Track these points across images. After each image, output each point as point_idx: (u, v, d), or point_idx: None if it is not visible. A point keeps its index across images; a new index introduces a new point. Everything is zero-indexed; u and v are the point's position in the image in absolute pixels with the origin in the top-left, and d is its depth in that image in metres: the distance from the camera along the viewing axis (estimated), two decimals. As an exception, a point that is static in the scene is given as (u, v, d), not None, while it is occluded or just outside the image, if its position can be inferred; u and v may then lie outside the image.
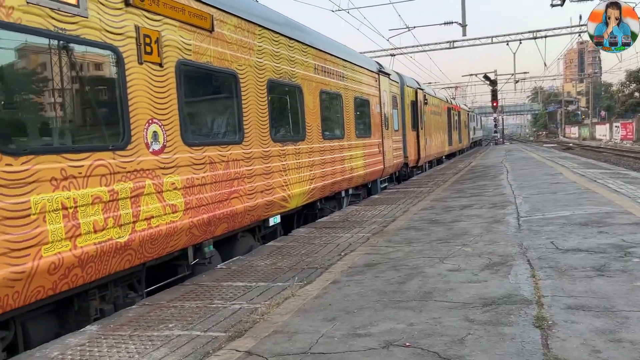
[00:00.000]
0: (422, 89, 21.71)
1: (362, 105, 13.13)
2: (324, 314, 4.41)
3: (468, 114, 45.94)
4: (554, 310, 4.05)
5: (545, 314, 3.96)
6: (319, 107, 10.21)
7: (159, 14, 5.76)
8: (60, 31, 4.53)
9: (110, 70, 5.20)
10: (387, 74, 16.07)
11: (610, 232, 6.67)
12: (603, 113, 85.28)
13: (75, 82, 4.92)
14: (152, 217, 5.47)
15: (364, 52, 21.83)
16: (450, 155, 32.16)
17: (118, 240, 4.99)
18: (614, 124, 63.78)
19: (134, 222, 5.19)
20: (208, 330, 4.22)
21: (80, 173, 4.62)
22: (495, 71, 53.94)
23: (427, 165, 23.36)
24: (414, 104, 19.77)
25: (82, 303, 4.94)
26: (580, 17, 39.20)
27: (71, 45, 4.71)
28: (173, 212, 5.82)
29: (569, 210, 8.63)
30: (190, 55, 6.29)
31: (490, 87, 52.03)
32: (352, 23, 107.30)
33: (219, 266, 6.72)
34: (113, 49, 5.11)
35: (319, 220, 10.23)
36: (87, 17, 4.79)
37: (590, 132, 74.99)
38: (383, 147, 14.79)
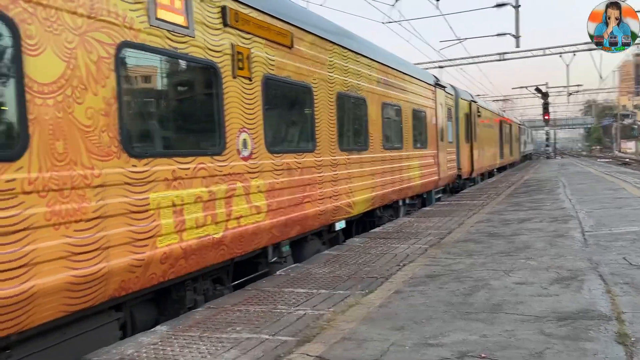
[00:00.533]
0: (475, 101, 21.91)
1: (419, 117, 13.42)
2: (392, 323, 4.36)
3: (519, 127, 45.44)
4: (636, 327, 3.86)
5: (627, 331, 3.78)
6: (380, 118, 10.56)
7: (250, 33, 6.28)
8: (173, 50, 5.09)
9: (210, 84, 5.71)
10: (443, 87, 16.29)
11: (687, 249, 6.34)
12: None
13: (183, 95, 5.74)
14: (241, 216, 5.98)
15: (415, 64, 21.73)
16: (501, 169, 31.86)
17: (214, 236, 5.49)
18: (675, 139, 60.87)
19: (226, 221, 5.71)
20: (276, 334, 4.24)
21: (186, 175, 5.14)
22: (546, 83, 52.65)
23: (479, 178, 23.26)
24: (468, 116, 19.97)
25: (178, 293, 5.38)
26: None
27: (181, 62, 5.40)
28: (258, 213, 6.31)
29: (638, 225, 8.26)
30: (274, 70, 6.78)
31: (542, 100, 50.75)
32: (402, 35, 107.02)
33: (277, 273, 6.76)
34: (213, 65, 5.64)
35: (372, 230, 10.17)
36: (194, 37, 5.34)
37: (648, 147, 71.83)
38: (438, 158, 15.03)
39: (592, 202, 12.01)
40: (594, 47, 37.86)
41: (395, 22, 22.32)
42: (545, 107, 49.47)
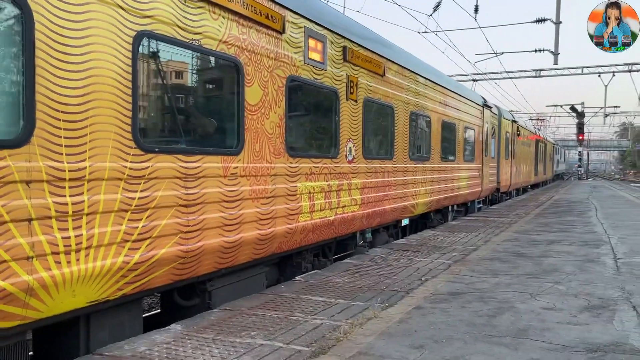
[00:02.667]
0: (516, 121, 23.75)
1: (469, 134, 15.21)
2: (410, 340, 4.20)
3: (553, 146, 45.66)
4: (672, 365, 3.63)
5: (662, 369, 3.56)
6: (440, 134, 12.38)
7: (358, 65, 8.09)
8: (315, 80, 6.99)
9: (332, 105, 7.52)
10: (490, 107, 18.05)
11: None
12: (701, 155, 78.95)
13: (320, 113, 7.69)
14: (345, 206, 7.81)
15: (450, 76, 21.60)
16: (534, 186, 33.03)
17: (329, 218, 7.35)
18: None
19: (336, 208, 7.54)
20: (291, 343, 4.12)
21: (317, 171, 7.02)
22: (582, 103, 51.39)
23: (514, 192, 24.86)
24: (508, 134, 21.58)
25: (296, 260, 7.19)
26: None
27: (319, 89, 7.22)
28: (354, 205, 8.11)
29: (674, 256, 7.91)
30: (371, 93, 8.59)
31: (577, 120, 49.59)
32: (438, 45, 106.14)
33: (297, 278, 6.66)
34: (335, 91, 7.49)
35: (396, 242, 10.02)
36: (326, 70, 7.23)
37: (685, 175, 69.60)
38: (482, 171, 16.73)
39: (625, 227, 11.59)
40: (634, 68, 36.99)
41: (432, 32, 22.06)
42: (580, 127, 48.29)
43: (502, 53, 29.24)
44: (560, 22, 20.98)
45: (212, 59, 5.48)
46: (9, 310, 3.44)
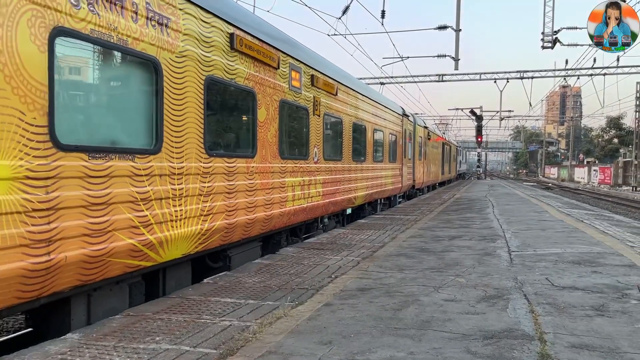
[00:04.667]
0: (427, 127, 27.35)
1: (392, 139, 18.14)
2: (319, 337, 4.23)
3: (457, 148, 49.31)
4: (557, 348, 3.93)
5: (549, 352, 3.84)
6: (372, 139, 15.09)
7: (320, 88, 10.55)
8: (296, 101, 9.36)
9: (305, 120, 9.94)
10: (407, 116, 21.15)
11: (604, 272, 6.63)
12: (582, 156, 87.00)
13: (297, 126, 9.73)
14: (313, 196, 10.16)
15: (358, 79, 22.23)
16: (441, 183, 37.26)
17: (303, 205, 9.67)
18: (593, 168, 65.04)
19: (307, 198, 9.89)
20: (198, 346, 4.01)
21: (297, 169, 9.33)
22: (481, 107, 54.82)
23: (426, 189, 28.60)
24: (422, 138, 24.79)
25: (276, 239, 9.26)
26: (567, 62, 40.12)
27: (297, 108, 9.51)
28: (318, 195, 10.46)
29: (560, 248, 8.61)
30: (328, 109, 11.13)
31: (476, 123, 52.76)
32: (347, 48, 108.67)
33: (205, 280, 6.50)
34: (306, 109, 9.94)
35: (306, 241, 10.09)
36: (302, 93, 9.62)
37: (569, 174, 76.35)
38: (402, 170, 19.75)
39: (518, 222, 12.47)
40: (525, 75, 39.91)
41: (341, 35, 22.50)
42: (479, 129, 51.44)
43: (408, 57, 30.45)
44: (460, 29, 22.20)
45: (241, 91, 7.49)
46: (150, 254, 5.43)
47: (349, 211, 13.32)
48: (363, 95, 13.92)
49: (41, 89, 4.17)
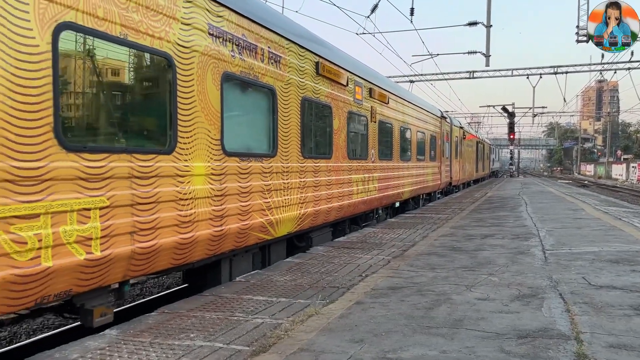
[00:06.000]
0: (462, 127, 29.24)
1: (432, 140, 19.93)
2: (351, 335, 4.25)
3: (490, 146, 49.45)
4: (595, 347, 3.85)
5: (586, 351, 3.76)
6: (416, 140, 16.90)
7: (376, 99, 12.35)
8: (359, 111, 11.27)
9: (365, 126, 11.78)
10: (445, 118, 22.95)
11: (643, 271, 6.45)
12: (619, 152, 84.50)
13: (360, 132, 11.52)
14: (370, 190, 11.99)
15: (387, 77, 22.28)
16: (475, 181, 38.59)
17: (365, 198, 11.58)
18: (631, 164, 63.07)
19: (367, 192, 11.72)
20: (231, 343, 4.07)
21: (359, 168, 11.17)
22: (513, 104, 53.78)
23: (462, 186, 30.35)
24: (458, 138, 26.60)
25: (341, 226, 11.09)
26: (603, 56, 38.98)
27: (360, 117, 11.43)
28: (375, 190, 12.29)
29: (597, 246, 8.40)
30: (382, 116, 12.93)
31: (508, 120, 51.85)
32: (376, 47, 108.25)
33: (237, 279, 6.59)
34: (366, 117, 11.76)
35: (336, 239, 10.12)
36: (363, 104, 11.50)
37: (606, 171, 74.23)
38: (441, 168, 21.54)
39: (553, 221, 12.22)
40: (559, 70, 38.99)
41: (369, 33, 22.41)
42: (511, 126, 50.54)
43: (437, 55, 30.19)
44: (491, 25, 21.88)
45: (323, 106, 9.38)
46: (270, 230, 7.33)
47: (397, 204, 15.35)
48: (408, 101, 15.87)
49: (217, 115, 6.13)
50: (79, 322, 5.57)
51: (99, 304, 4.79)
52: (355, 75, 10.96)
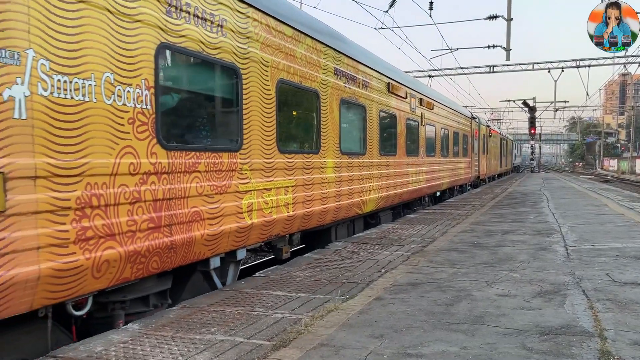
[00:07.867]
0: (489, 126, 32.12)
1: (465, 139, 22.38)
2: (370, 330, 4.25)
3: (512, 142, 51.85)
4: (619, 345, 3.79)
5: (610, 349, 3.71)
6: (453, 139, 19.47)
7: (424, 106, 14.75)
8: (413, 117, 13.73)
9: (417, 129, 14.12)
10: (474, 118, 25.70)
11: (669, 268, 6.32)
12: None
13: (415, 134, 14.16)
14: (420, 181, 14.51)
15: (406, 72, 22.28)
16: (499, 175, 40.79)
17: (416, 187, 13.92)
18: (656, 159, 61.71)
19: (418, 182, 14.19)
20: (251, 338, 4.10)
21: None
22: (534, 98, 52.97)
23: (487, 179, 32.80)
24: (484, 136, 29.34)
25: (396, 210, 13.77)
26: (626, 49, 38.15)
27: (414, 122, 13.89)
28: (423, 181, 14.67)
29: (621, 242, 8.26)
30: (428, 120, 15.31)
31: (529, 114, 51.09)
32: (394, 42, 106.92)
33: (257, 274, 6.63)
34: (417, 122, 14.11)
35: (355, 235, 10.13)
36: (415, 111, 13.99)
37: (630, 166, 72.81)
38: (471, 164, 24.08)
39: (575, 217, 12.04)
40: (582, 64, 38.29)
41: (388, 28, 22.31)
42: (532, 121, 49.79)
43: (457, 49, 29.84)
44: (512, 18, 21.58)
45: (391, 115, 12.04)
46: (363, 207, 10.15)
47: (438, 194, 18.07)
48: (447, 106, 18.49)
49: (337, 126, 8.92)
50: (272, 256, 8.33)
51: (283, 245, 7.69)
52: (410, 88, 13.59)
